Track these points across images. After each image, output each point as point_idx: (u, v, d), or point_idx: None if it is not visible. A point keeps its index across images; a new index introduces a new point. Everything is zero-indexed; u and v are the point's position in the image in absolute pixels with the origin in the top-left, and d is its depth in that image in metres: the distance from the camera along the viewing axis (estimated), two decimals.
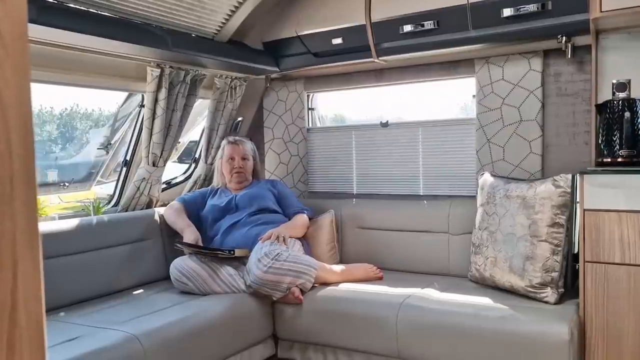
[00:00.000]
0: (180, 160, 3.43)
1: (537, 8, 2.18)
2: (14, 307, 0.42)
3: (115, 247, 2.39)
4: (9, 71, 0.42)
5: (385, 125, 2.91)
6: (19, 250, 0.42)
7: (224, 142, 2.83)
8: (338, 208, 2.82)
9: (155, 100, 2.56)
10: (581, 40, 2.26)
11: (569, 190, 2.02)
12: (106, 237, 2.37)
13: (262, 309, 2.26)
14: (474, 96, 2.64)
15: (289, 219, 2.64)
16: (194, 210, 2.71)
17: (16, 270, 0.42)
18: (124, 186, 2.80)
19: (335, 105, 3.46)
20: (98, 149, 2.99)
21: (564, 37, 2.24)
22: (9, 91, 0.42)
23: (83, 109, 3.08)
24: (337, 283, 2.35)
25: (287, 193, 2.78)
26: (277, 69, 2.93)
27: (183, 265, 2.29)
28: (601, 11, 1.93)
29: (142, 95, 2.69)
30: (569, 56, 2.31)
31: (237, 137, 2.86)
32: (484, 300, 2.05)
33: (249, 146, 2.82)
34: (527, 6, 2.19)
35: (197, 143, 3.23)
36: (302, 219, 2.65)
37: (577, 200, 1.98)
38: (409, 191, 2.84)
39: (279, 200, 2.72)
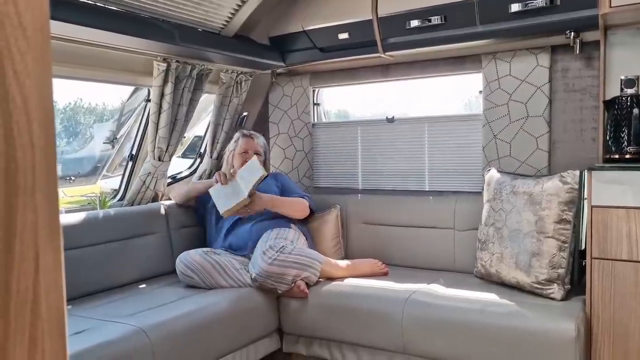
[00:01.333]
0: (184, 155, 3.44)
1: (546, 3, 2.16)
2: (36, 300, 0.42)
3: (121, 241, 2.39)
4: (31, 63, 0.42)
5: (391, 120, 2.90)
6: (41, 242, 0.43)
7: (238, 134, 2.82)
8: (343, 203, 2.82)
9: (162, 95, 2.56)
10: (589, 35, 2.25)
11: (576, 186, 2.01)
12: (113, 230, 2.37)
13: (268, 304, 2.27)
14: (480, 92, 2.63)
15: None
16: (201, 197, 2.73)
17: (38, 262, 0.43)
18: (130, 180, 2.80)
19: (341, 101, 3.46)
20: (104, 143, 2.99)
21: (572, 33, 2.22)
22: (31, 82, 0.42)
23: (87, 103, 3.08)
24: (342, 278, 2.36)
25: (288, 183, 2.76)
26: (283, 64, 2.93)
27: (189, 259, 2.30)
28: (610, 6, 1.92)
29: (148, 90, 2.68)
30: (577, 52, 2.29)
31: (252, 131, 2.84)
32: (489, 296, 2.05)
33: (262, 141, 2.81)
34: (535, 1, 2.18)
35: (201, 138, 3.23)
36: (298, 200, 2.62)
37: (585, 196, 1.97)
38: (414, 187, 2.84)
39: (282, 192, 2.71)
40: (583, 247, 2.07)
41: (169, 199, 2.84)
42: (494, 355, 1.89)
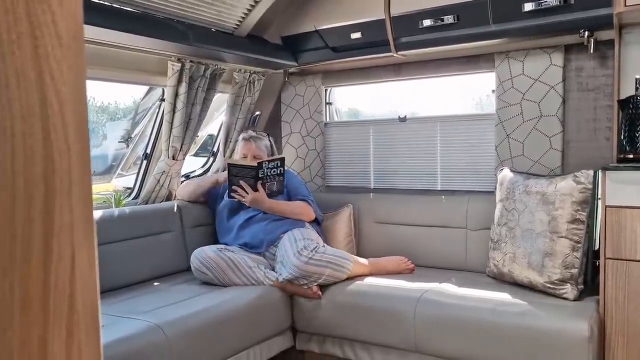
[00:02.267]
0: (196, 154, 3.47)
1: (559, 2, 2.16)
2: (72, 294, 0.44)
3: (136, 239, 2.43)
4: (66, 70, 0.44)
5: (403, 120, 2.91)
6: (77, 240, 0.45)
7: (240, 137, 2.83)
8: (355, 202, 2.84)
9: (176, 95, 2.58)
10: (604, 34, 2.23)
11: (590, 186, 2.01)
12: (128, 229, 2.41)
13: (281, 302, 2.29)
14: (493, 91, 2.63)
15: None
16: (212, 193, 2.76)
17: (74, 259, 0.45)
18: (144, 179, 2.84)
19: (353, 100, 3.47)
20: (119, 142, 3.03)
21: (586, 32, 2.21)
22: (66, 89, 0.44)
23: (99, 102, 3.13)
24: (367, 276, 2.37)
25: (294, 182, 2.75)
26: (296, 64, 2.95)
27: (204, 255, 2.33)
28: (625, 5, 1.91)
29: (163, 89, 2.72)
30: (591, 51, 2.28)
31: (252, 134, 2.80)
32: (502, 296, 2.05)
33: (263, 143, 2.77)
34: (549, 0, 2.17)
35: (214, 137, 3.25)
36: (299, 203, 2.62)
37: (599, 196, 1.97)
38: (426, 186, 2.85)
39: (289, 190, 2.72)
40: (597, 247, 2.06)
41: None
42: (506, 354, 1.89)
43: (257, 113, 3.20)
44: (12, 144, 0.40)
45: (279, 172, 2.59)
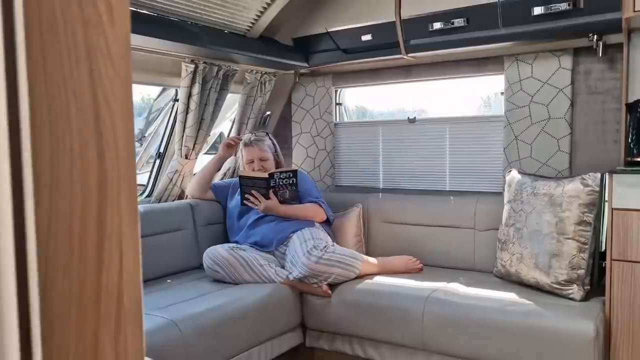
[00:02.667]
0: (207, 152, 3.52)
1: (569, 6, 2.18)
2: (120, 292, 0.49)
3: (150, 237, 2.48)
4: (117, 89, 0.48)
5: (412, 121, 2.95)
6: (124, 243, 0.49)
7: (241, 144, 2.83)
8: (364, 202, 2.87)
9: (189, 95, 2.63)
10: (612, 38, 2.26)
11: (597, 189, 2.03)
12: (141, 227, 2.45)
13: (292, 300, 2.34)
14: (502, 93, 2.65)
15: None
16: (222, 195, 2.81)
17: (122, 260, 0.49)
18: (157, 177, 2.89)
19: (363, 101, 3.50)
20: None
21: (595, 36, 2.24)
22: (118, 106, 0.49)
23: None
24: (376, 275, 2.41)
25: (306, 184, 2.78)
26: (307, 65, 2.99)
27: (216, 254, 2.38)
28: (635, 10, 1.93)
29: (176, 90, 2.77)
30: (600, 54, 2.31)
31: (252, 137, 2.82)
32: (509, 296, 2.08)
33: (265, 144, 2.80)
34: (559, 5, 2.20)
35: (226, 136, 3.30)
36: (311, 205, 2.65)
37: (606, 199, 2.00)
38: (435, 187, 2.88)
39: (300, 192, 2.76)
40: (603, 248, 2.09)
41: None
42: (513, 353, 1.93)
43: (268, 113, 3.24)
44: (71, 156, 0.45)
45: (291, 182, 2.63)
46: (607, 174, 1.95)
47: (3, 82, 0.36)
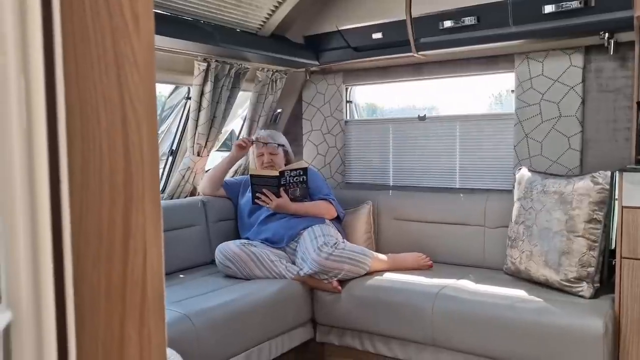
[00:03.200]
0: (217, 149, 3.55)
1: (580, 4, 2.18)
2: (144, 286, 0.52)
3: (163, 233, 2.51)
4: (142, 92, 0.51)
5: (422, 118, 2.96)
6: (148, 240, 0.52)
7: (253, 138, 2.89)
8: (374, 199, 2.89)
9: (201, 93, 2.66)
10: (624, 36, 2.26)
11: (607, 187, 2.04)
12: None
13: (302, 295, 2.37)
14: (512, 91, 2.66)
15: None
16: (233, 192, 2.84)
17: (145, 256, 0.52)
18: (170, 174, 2.93)
19: (373, 98, 3.52)
20: None
21: (606, 34, 2.24)
22: (143, 110, 0.51)
23: None
24: (385, 271, 2.43)
25: (317, 182, 2.81)
26: (317, 63, 3.01)
27: (227, 249, 2.42)
28: None
29: (189, 88, 2.80)
30: (611, 52, 2.30)
31: (261, 132, 2.90)
32: (519, 293, 2.10)
33: (274, 138, 2.86)
34: (570, 3, 2.20)
35: (237, 134, 3.33)
36: (321, 203, 2.67)
37: (616, 197, 2.00)
38: (445, 184, 2.89)
39: (311, 189, 2.78)
40: (613, 246, 2.10)
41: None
42: (522, 350, 1.94)
43: (279, 111, 3.27)
44: (100, 156, 0.48)
45: (301, 179, 2.66)
46: (617, 172, 1.95)
47: (42, 86, 0.39)
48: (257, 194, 2.65)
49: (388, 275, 2.39)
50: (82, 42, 0.46)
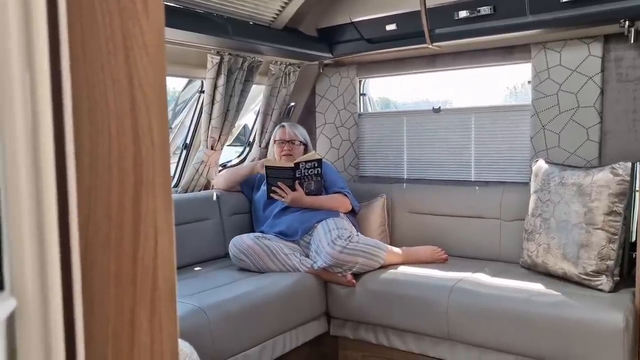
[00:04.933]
0: (231, 144, 3.55)
1: None
2: (155, 271, 0.51)
3: (177, 226, 2.49)
4: (152, 75, 0.50)
5: (437, 111, 2.92)
6: (159, 224, 0.51)
7: (275, 128, 2.93)
8: (389, 192, 2.87)
9: (215, 87, 2.66)
10: None
11: (627, 178, 1.99)
12: None
13: (316, 288, 2.36)
14: (529, 82, 2.61)
15: None
16: (247, 187, 2.85)
17: (156, 240, 0.51)
18: (184, 168, 2.94)
19: (387, 91, 3.49)
20: None
21: (626, 22, 2.18)
22: (151, 92, 0.50)
23: None
24: (400, 265, 2.41)
25: (332, 175, 2.81)
26: (331, 55, 2.99)
27: (242, 243, 2.42)
28: None
29: (202, 82, 2.80)
30: (632, 41, 2.25)
31: (290, 122, 2.94)
32: (536, 286, 2.06)
33: (299, 131, 2.89)
34: None
35: (250, 128, 3.33)
36: (337, 196, 2.67)
37: (636, 188, 1.96)
38: (460, 177, 2.86)
39: (326, 183, 2.77)
40: (634, 239, 2.05)
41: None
42: (540, 344, 1.91)
43: (292, 104, 3.26)
44: (109, 139, 0.47)
45: (316, 172, 2.65)
46: (638, 163, 1.91)
47: (47, 67, 0.38)
48: (272, 188, 2.64)
49: (402, 269, 2.37)
50: (90, 22, 0.45)
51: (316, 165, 2.65)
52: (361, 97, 3.23)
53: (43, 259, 0.38)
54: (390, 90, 3.52)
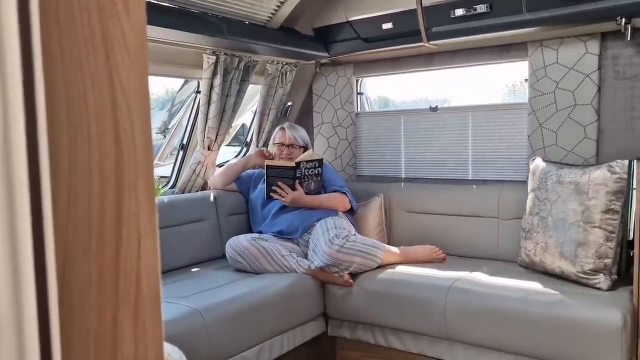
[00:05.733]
0: (229, 144, 3.54)
1: None
2: (138, 277, 0.50)
3: (174, 227, 2.51)
4: (133, 76, 0.49)
5: (434, 109, 2.91)
6: (142, 228, 0.50)
7: (277, 128, 2.91)
8: (386, 192, 2.86)
9: (211, 87, 2.65)
10: None
11: (625, 176, 1.99)
12: (166, 217, 2.50)
13: (314, 289, 2.35)
14: (526, 80, 2.60)
15: None
16: (244, 186, 2.84)
17: (140, 245, 0.50)
18: (181, 169, 2.93)
19: (384, 90, 3.48)
20: (156, 133, 3.13)
21: (623, 19, 2.18)
22: (134, 94, 0.49)
23: None
24: (398, 264, 2.40)
25: (330, 174, 2.80)
26: (327, 55, 2.97)
27: (238, 244, 2.41)
28: None
29: (198, 82, 2.79)
30: (629, 38, 2.24)
31: (290, 124, 2.91)
32: (533, 285, 2.06)
33: (299, 134, 2.85)
34: None
35: (247, 128, 3.32)
36: (335, 195, 2.66)
37: (634, 186, 1.95)
38: (457, 176, 2.85)
39: (324, 182, 2.76)
40: (631, 237, 2.04)
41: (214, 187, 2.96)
42: (538, 343, 1.91)
43: (289, 104, 3.25)
44: (89, 142, 0.46)
45: (316, 172, 2.64)
46: (635, 160, 1.90)
47: (19, 69, 0.37)
48: (272, 188, 2.62)
49: (400, 269, 2.36)
50: (67, 22, 0.43)
51: (317, 165, 2.64)
52: (358, 96, 3.22)
53: (15, 265, 0.37)
54: (387, 89, 3.51)
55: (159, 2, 2.26)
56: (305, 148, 2.86)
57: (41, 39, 0.40)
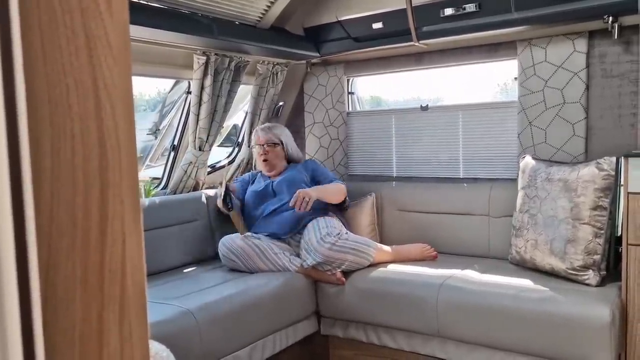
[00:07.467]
0: (220, 144, 3.54)
1: None
2: (123, 277, 0.50)
3: (166, 228, 2.51)
4: (117, 77, 0.49)
5: (425, 108, 2.93)
6: (127, 228, 0.50)
7: (258, 128, 2.86)
8: (378, 191, 2.87)
9: (202, 87, 2.65)
10: (628, 20, 2.21)
11: (612, 173, 2.01)
12: (157, 218, 2.49)
13: (306, 288, 2.35)
14: (515, 78, 2.62)
15: None
16: (242, 195, 2.83)
17: (124, 245, 0.50)
18: (172, 170, 2.92)
19: (375, 89, 3.49)
20: (147, 134, 3.12)
21: (610, 17, 2.20)
22: (117, 94, 0.49)
23: None
24: (390, 263, 2.41)
25: (321, 169, 2.80)
26: (318, 54, 2.98)
27: (231, 243, 2.41)
28: None
29: (189, 82, 2.78)
30: (615, 37, 2.26)
31: (267, 124, 2.88)
32: (524, 282, 2.07)
33: (272, 132, 2.80)
34: None
35: (240, 128, 3.32)
36: (335, 184, 2.66)
37: (621, 183, 1.97)
38: (448, 174, 2.86)
39: (314, 177, 2.76)
40: (619, 233, 2.06)
41: (209, 187, 2.95)
42: (528, 339, 1.92)
43: (281, 104, 3.25)
44: (72, 142, 0.46)
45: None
46: (622, 157, 1.92)
47: None
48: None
49: (392, 267, 2.37)
50: (49, 23, 0.44)
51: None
52: (349, 95, 3.23)
53: None
54: (378, 89, 3.52)
55: (149, 3, 2.26)
56: (281, 143, 2.82)
57: (22, 40, 0.40)
